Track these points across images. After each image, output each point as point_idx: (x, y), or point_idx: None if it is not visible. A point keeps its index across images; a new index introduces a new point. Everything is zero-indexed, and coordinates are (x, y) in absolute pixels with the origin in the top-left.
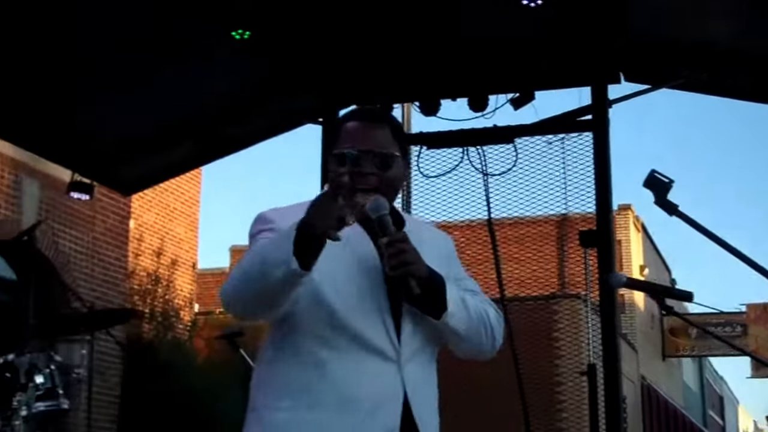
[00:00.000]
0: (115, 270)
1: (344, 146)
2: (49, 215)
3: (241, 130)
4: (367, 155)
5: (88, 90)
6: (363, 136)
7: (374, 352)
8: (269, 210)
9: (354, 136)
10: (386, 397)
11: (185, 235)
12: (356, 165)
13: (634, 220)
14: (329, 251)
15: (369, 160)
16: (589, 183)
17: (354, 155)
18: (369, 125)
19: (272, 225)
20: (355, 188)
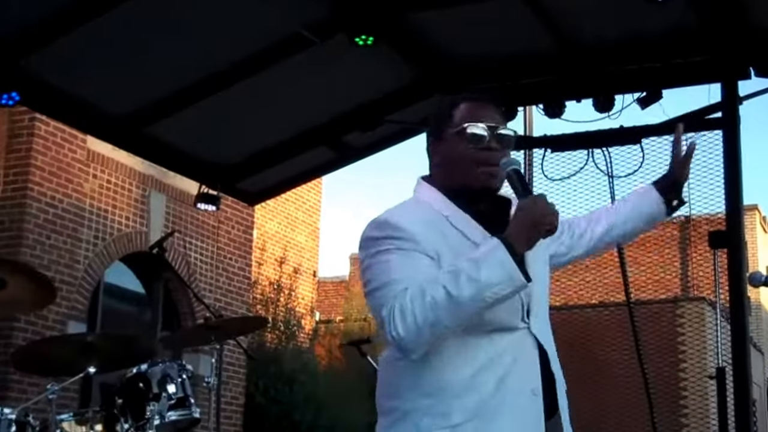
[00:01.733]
0: (239, 280)
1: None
2: (176, 227)
3: (366, 137)
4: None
5: (219, 103)
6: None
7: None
8: (389, 214)
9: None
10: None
11: (306, 243)
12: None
13: (761, 220)
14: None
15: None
16: (714, 183)
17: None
18: (489, 105)
19: (402, 233)
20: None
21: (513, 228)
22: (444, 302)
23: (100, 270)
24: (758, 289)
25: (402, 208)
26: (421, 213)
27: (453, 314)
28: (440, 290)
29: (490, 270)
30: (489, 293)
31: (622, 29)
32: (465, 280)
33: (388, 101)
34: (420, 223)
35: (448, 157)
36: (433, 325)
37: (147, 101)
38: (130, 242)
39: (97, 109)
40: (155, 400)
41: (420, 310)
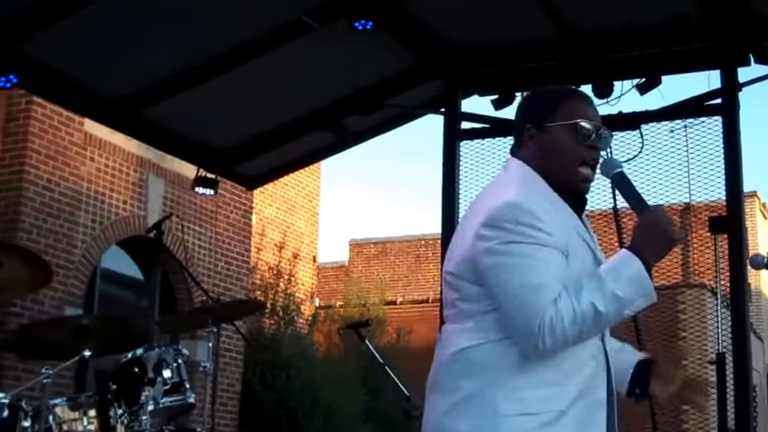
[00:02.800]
0: (238, 265)
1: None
2: (174, 211)
3: (366, 121)
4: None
5: (214, 87)
6: (593, 112)
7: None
8: (523, 197)
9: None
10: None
11: (306, 229)
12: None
13: (761, 206)
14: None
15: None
16: (714, 170)
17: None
18: (592, 104)
19: (541, 224)
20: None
21: (645, 242)
22: (591, 318)
23: (97, 254)
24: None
25: (529, 192)
26: (548, 202)
27: (596, 328)
28: (588, 305)
29: (631, 287)
30: (629, 309)
31: (622, 16)
32: (611, 297)
33: (388, 85)
34: (551, 213)
35: (553, 148)
36: (577, 337)
37: (145, 84)
38: (128, 226)
39: (94, 91)
40: (150, 385)
41: (570, 326)
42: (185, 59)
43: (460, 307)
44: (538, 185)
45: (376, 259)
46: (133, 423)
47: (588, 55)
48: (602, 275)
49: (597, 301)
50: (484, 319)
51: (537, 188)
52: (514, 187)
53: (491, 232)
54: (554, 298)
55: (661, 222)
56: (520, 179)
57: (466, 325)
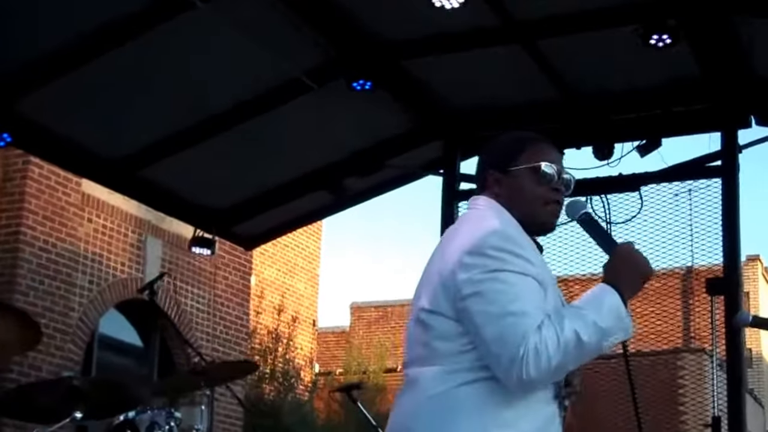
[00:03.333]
0: (237, 329)
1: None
2: (172, 273)
3: (365, 181)
4: (560, 176)
5: (211, 148)
6: (555, 156)
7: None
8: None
9: (551, 155)
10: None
11: (306, 291)
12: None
13: (764, 270)
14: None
15: (560, 181)
16: (717, 234)
17: (553, 176)
18: (554, 148)
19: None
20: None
21: (619, 276)
22: (574, 346)
23: (95, 318)
24: (760, 342)
25: (508, 222)
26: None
27: (578, 359)
28: (572, 333)
29: (611, 319)
30: (608, 342)
31: (623, 78)
32: (593, 326)
33: (387, 146)
34: (527, 242)
35: (517, 191)
36: (560, 368)
37: (141, 144)
38: (126, 288)
39: (90, 151)
40: None
41: (554, 353)
42: (182, 120)
43: (433, 347)
44: (510, 218)
45: (377, 324)
46: None
47: (589, 117)
48: (582, 306)
49: (580, 329)
50: (462, 359)
51: (511, 220)
52: (494, 217)
53: (474, 259)
54: (538, 325)
55: (634, 256)
56: (496, 210)
57: (442, 367)
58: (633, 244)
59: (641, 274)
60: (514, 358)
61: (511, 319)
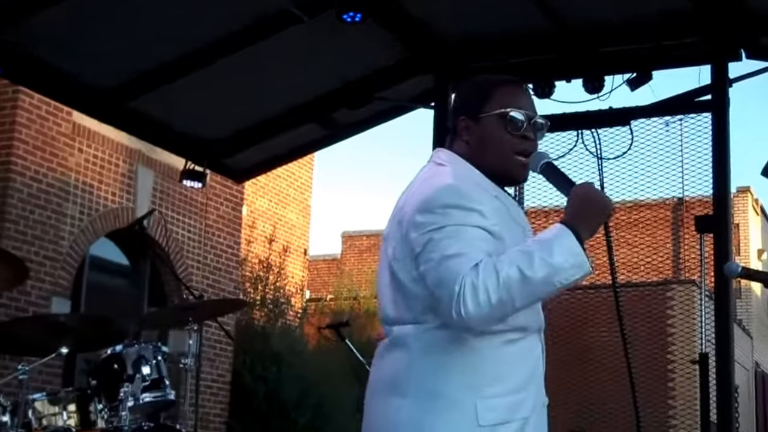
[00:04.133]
0: (228, 257)
1: (513, 108)
2: (163, 203)
3: (356, 114)
4: (530, 121)
5: (203, 78)
6: (525, 100)
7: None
8: (458, 181)
9: (519, 100)
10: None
11: (297, 221)
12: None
13: (753, 202)
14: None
15: (531, 126)
16: (706, 165)
17: (522, 122)
18: (526, 92)
19: (473, 204)
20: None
21: (576, 216)
22: (517, 282)
23: (84, 246)
24: None
25: (464, 177)
26: (480, 189)
27: (525, 295)
28: (514, 269)
29: (561, 255)
30: (559, 278)
31: (615, 9)
32: (539, 262)
33: (378, 79)
34: (484, 196)
35: (485, 139)
36: (503, 304)
37: (133, 75)
38: (117, 218)
39: (81, 82)
40: (129, 382)
41: (493, 288)
42: (173, 50)
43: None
44: (470, 172)
45: (369, 252)
46: (112, 419)
47: (580, 49)
48: (529, 244)
49: (523, 264)
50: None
51: (470, 174)
52: (448, 173)
53: (424, 218)
54: (476, 263)
55: (591, 193)
56: (455, 165)
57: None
58: (592, 184)
59: (598, 209)
60: (451, 296)
61: (448, 262)
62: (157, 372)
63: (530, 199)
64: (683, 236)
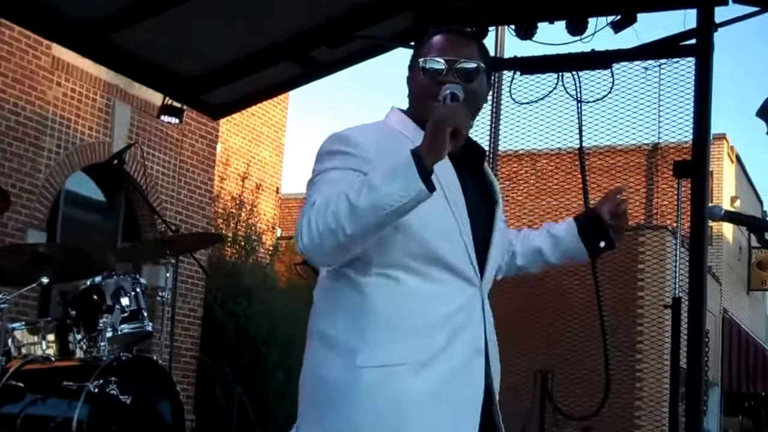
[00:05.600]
0: (201, 194)
1: (430, 57)
2: (139, 138)
3: (335, 53)
4: (452, 66)
5: (184, 14)
6: (449, 47)
7: (461, 277)
8: (350, 130)
9: (440, 48)
10: (473, 318)
11: (270, 159)
12: (439, 75)
13: (729, 150)
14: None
15: (453, 72)
16: (684, 111)
17: (439, 69)
18: (455, 38)
19: (356, 150)
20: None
21: (423, 138)
22: (345, 210)
23: (61, 179)
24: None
25: (365, 127)
26: (383, 135)
27: (352, 223)
28: (342, 199)
29: (392, 179)
30: (387, 201)
31: None
32: (366, 189)
33: (358, 17)
34: (377, 144)
35: (412, 88)
36: (333, 234)
37: (114, 8)
38: (93, 153)
39: (62, 15)
40: (108, 313)
41: (322, 220)
42: None
43: None
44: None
45: None
46: (91, 348)
47: None
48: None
49: (351, 194)
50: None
51: (373, 126)
52: (362, 125)
53: (313, 166)
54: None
55: (438, 111)
56: (381, 122)
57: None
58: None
59: (436, 123)
60: (296, 232)
61: (307, 207)
62: (135, 303)
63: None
64: (657, 182)
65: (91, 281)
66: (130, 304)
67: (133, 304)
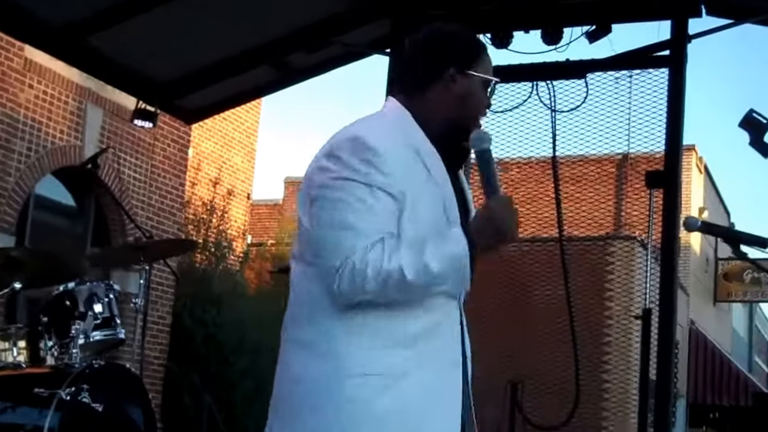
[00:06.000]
0: (172, 199)
1: (491, 76)
2: (111, 142)
3: (311, 59)
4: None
5: (159, 17)
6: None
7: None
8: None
9: (491, 71)
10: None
11: (242, 165)
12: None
13: (698, 160)
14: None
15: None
16: (655, 122)
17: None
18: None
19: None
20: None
21: (481, 229)
22: (396, 282)
23: (31, 183)
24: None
25: (380, 127)
26: (398, 139)
27: (400, 293)
28: (397, 268)
29: (449, 266)
30: (438, 288)
31: None
32: (423, 269)
33: (335, 23)
34: (395, 151)
35: (465, 95)
36: (376, 295)
37: (89, 11)
38: (64, 156)
39: (36, 17)
40: (81, 319)
41: (371, 280)
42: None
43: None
44: (408, 129)
45: None
46: (63, 355)
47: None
48: (426, 243)
49: (407, 267)
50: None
51: (404, 131)
52: (371, 123)
53: (329, 163)
54: (366, 246)
55: (503, 214)
56: (389, 120)
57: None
58: (509, 200)
59: (501, 235)
60: (331, 269)
61: (340, 231)
62: (108, 310)
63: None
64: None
65: (64, 287)
66: (104, 310)
67: (106, 311)
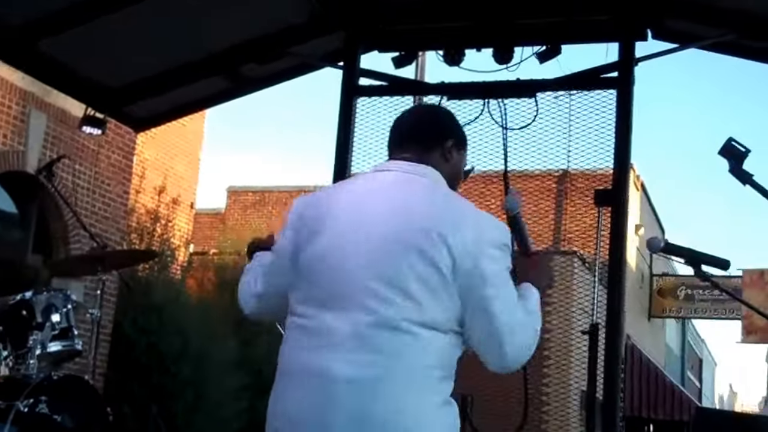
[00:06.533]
0: (117, 206)
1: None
2: (55, 148)
3: (263, 70)
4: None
5: (113, 24)
6: None
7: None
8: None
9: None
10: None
11: (186, 173)
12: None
13: (635, 179)
14: None
15: None
16: (596, 140)
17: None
18: None
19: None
20: None
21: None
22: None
23: None
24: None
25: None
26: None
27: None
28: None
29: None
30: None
31: None
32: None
33: (288, 34)
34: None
35: (457, 171)
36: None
37: (40, 15)
38: (6, 161)
39: None
40: (38, 330)
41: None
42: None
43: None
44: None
45: (253, 208)
46: (19, 366)
47: (494, 19)
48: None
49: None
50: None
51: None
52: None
53: (501, 253)
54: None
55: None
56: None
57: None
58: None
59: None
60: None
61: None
62: (66, 321)
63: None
64: (566, 207)
65: (21, 296)
66: (61, 321)
67: (63, 322)
